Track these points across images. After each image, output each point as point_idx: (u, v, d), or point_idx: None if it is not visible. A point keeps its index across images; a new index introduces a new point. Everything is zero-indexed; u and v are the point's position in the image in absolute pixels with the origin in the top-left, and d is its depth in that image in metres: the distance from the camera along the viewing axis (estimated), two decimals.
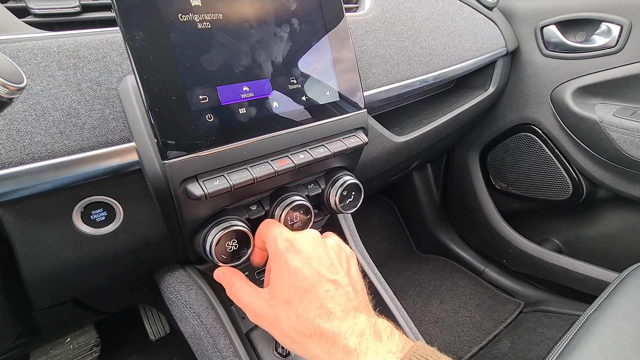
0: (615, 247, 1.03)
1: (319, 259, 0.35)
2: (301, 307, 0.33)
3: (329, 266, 0.35)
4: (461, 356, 1.03)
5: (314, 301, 0.33)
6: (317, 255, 0.35)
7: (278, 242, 0.36)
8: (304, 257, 0.35)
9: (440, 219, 1.41)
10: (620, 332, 0.56)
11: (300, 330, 0.33)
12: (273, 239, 0.37)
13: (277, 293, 0.35)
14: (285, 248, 0.36)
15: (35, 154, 0.35)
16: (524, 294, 1.20)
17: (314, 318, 0.32)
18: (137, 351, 0.99)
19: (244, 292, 0.38)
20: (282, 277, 0.35)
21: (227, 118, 0.40)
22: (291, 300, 0.33)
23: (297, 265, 0.34)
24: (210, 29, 0.38)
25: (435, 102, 0.94)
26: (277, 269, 0.35)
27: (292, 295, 0.34)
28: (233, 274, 0.41)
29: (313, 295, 0.33)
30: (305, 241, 0.36)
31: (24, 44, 0.36)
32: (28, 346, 0.73)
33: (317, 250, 0.36)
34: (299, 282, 0.34)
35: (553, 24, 0.95)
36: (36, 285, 0.43)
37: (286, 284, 0.34)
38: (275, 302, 0.35)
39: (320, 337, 0.32)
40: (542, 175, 1.08)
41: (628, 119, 0.85)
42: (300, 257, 0.35)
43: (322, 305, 0.32)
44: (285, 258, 0.35)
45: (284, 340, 0.35)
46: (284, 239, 0.36)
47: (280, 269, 0.35)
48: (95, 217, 0.41)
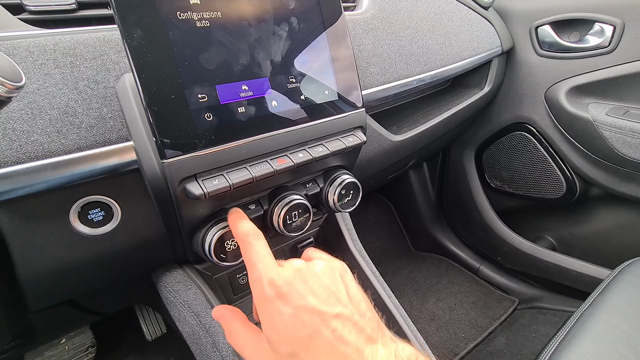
0: (608, 245, 1.05)
1: (314, 295, 0.30)
2: (309, 358, 0.28)
3: (327, 299, 0.30)
4: (457, 353, 1.04)
5: (323, 347, 0.28)
6: (311, 290, 0.30)
7: (264, 288, 0.30)
8: (297, 300, 0.30)
9: (436, 217, 1.42)
10: (614, 327, 0.57)
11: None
12: (257, 282, 0.31)
13: (278, 347, 0.30)
14: (273, 296, 0.30)
15: (31, 153, 0.35)
16: (518, 291, 1.21)
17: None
18: (134, 351, 0.98)
19: (245, 340, 0.33)
20: (277, 330, 0.30)
21: (226, 117, 0.39)
22: (297, 353, 0.29)
23: (292, 312, 0.29)
24: (209, 27, 0.38)
25: (432, 101, 0.95)
26: (270, 320, 0.30)
27: (295, 347, 0.29)
28: (232, 315, 0.35)
29: (320, 341, 0.28)
30: (293, 279, 0.31)
31: (19, 41, 0.36)
32: (23, 348, 0.72)
33: (309, 285, 0.31)
34: (299, 330, 0.29)
35: (547, 24, 0.96)
36: (32, 287, 0.42)
37: (285, 337, 0.29)
38: (278, 356, 0.30)
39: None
40: (537, 173, 1.10)
41: (620, 118, 0.87)
42: (292, 301, 0.30)
43: (333, 349, 0.28)
44: (276, 307, 0.30)
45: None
46: (268, 284, 0.30)
47: (274, 321, 0.30)
48: (93, 217, 0.41)
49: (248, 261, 0.33)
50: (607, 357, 0.53)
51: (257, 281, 0.31)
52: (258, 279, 0.31)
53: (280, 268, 0.32)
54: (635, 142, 0.85)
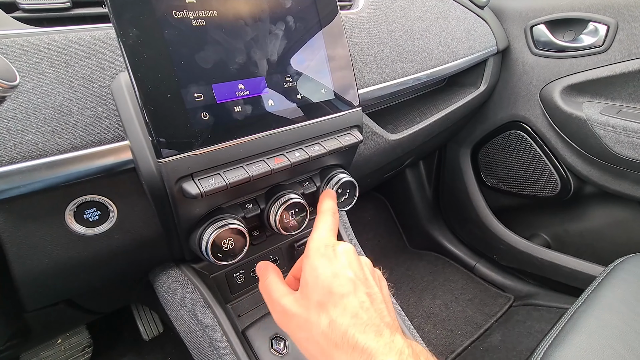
0: (602, 242, 1.06)
1: (355, 272, 0.34)
2: (335, 312, 0.31)
3: (364, 280, 0.34)
4: (453, 350, 1.04)
5: (350, 308, 0.31)
6: (354, 267, 0.35)
7: (321, 244, 0.36)
8: (342, 266, 0.34)
9: (433, 215, 1.43)
10: (607, 324, 0.58)
11: (331, 338, 0.30)
12: (318, 240, 0.36)
13: (310, 293, 0.33)
14: (326, 253, 0.35)
15: (26, 152, 0.34)
16: (514, 288, 1.22)
17: (349, 327, 0.30)
18: (131, 351, 0.98)
19: (276, 287, 0.37)
20: (318, 278, 0.33)
21: (222, 116, 0.39)
22: (325, 304, 0.32)
23: (335, 271, 0.33)
24: (205, 26, 0.38)
25: (428, 100, 0.95)
26: (313, 269, 0.34)
27: (326, 298, 0.32)
28: (272, 269, 0.40)
29: (349, 302, 0.31)
30: (345, 252, 0.36)
31: (13, 40, 0.35)
32: (18, 348, 0.72)
33: (353, 264, 0.35)
34: (336, 286, 0.32)
35: (542, 24, 0.97)
36: (28, 287, 0.42)
37: (321, 286, 0.32)
38: (307, 302, 0.33)
39: (354, 349, 0.29)
40: (532, 171, 1.11)
41: (614, 117, 0.88)
42: (338, 264, 0.34)
43: (358, 315, 0.31)
44: (324, 262, 0.34)
45: (309, 347, 0.32)
46: (324, 244, 0.36)
47: (316, 270, 0.34)
48: (89, 217, 0.41)
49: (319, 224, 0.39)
50: (601, 352, 0.53)
51: (317, 239, 0.37)
52: (319, 237, 0.37)
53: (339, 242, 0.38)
54: (628, 140, 0.86)
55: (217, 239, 0.43)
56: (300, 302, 0.34)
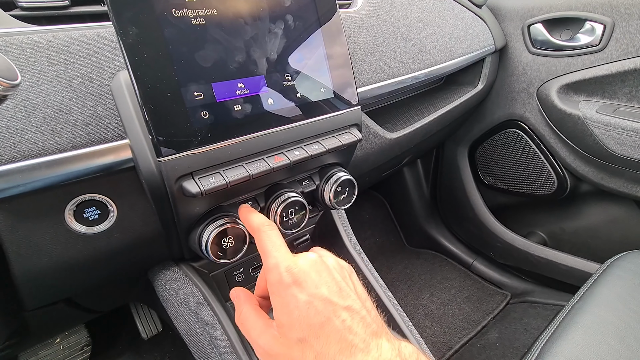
0: (598, 239, 1.07)
1: (328, 286, 0.32)
2: (319, 344, 0.29)
3: (339, 291, 0.32)
4: (451, 347, 1.05)
5: (332, 335, 0.29)
6: (324, 282, 0.32)
7: (282, 274, 0.32)
8: (312, 289, 0.31)
9: (430, 213, 1.44)
10: (603, 320, 0.59)
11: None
12: (274, 268, 0.32)
13: (288, 332, 0.31)
14: (290, 282, 0.31)
15: (26, 151, 0.34)
16: (510, 286, 1.23)
17: (335, 354, 0.29)
18: (129, 350, 0.98)
19: (252, 324, 0.34)
20: (291, 315, 0.31)
21: (222, 115, 0.39)
22: (306, 339, 0.30)
23: (307, 299, 0.31)
24: (205, 25, 0.38)
25: (426, 99, 0.95)
26: (284, 306, 0.31)
27: (305, 333, 0.30)
28: (245, 298, 0.37)
29: (330, 329, 0.30)
30: (309, 268, 0.32)
31: (12, 38, 0.35)
32: (17, 347, 0.72)
33: (323, 277, 0.32)
34: (312, 317, 0.30)
35: (539, 22, 0.97)
36: (28, 286, 0.42)
37: (297, 322, 0.30)
38: (287, 341, 0.31)
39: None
40: (529, 170, 1.11)
41: (610, 116, 0.88)
42: (308, 289, 0.31)
43: (342, 338, 0.29)
44: (292, 293, 0.31)
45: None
46: (286, 270, 0.32)
47: (288, 306, 0.31)
48: (88, 216, 0.41)
49: (264, 249, 0.34)
50: (596, 348, 0.54)
51: (275, 267, 0.32)
52: (275, 265, 0.33)
53: (296, 257, 0.33)
54: (624, 139, 0.86)
55: (218, 237, 0.43)
56: (280, 340, 0.31)
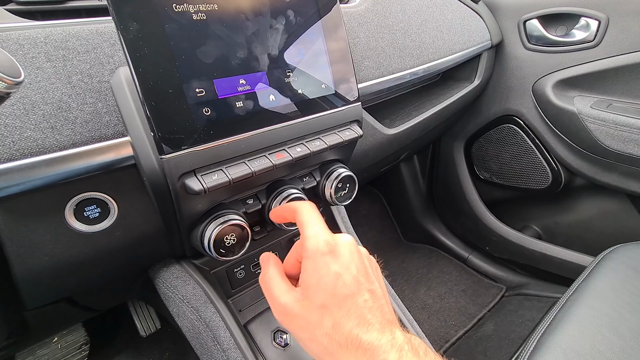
0: (591, 233, 1.09)
1: (358, 267, 0.34)
2: (339, 314, 0.31)
3: (366, 275, 0.34)
4: (448, 339, 1.07)
5: (353, 310, 0.31)
6: (355, 263, 0.34)
7: (320, 243, 0.34)
8: (345, 263, 0.33)
9: (427, 208, 1.45)
10: (597, 311, 0.60)
11: (335, 339, 0.30)
12: (313, 237, 0.34)
13: (312, 296, 0.32)
14: (326, 251, 0.33)
15: (25, 149, 0.34)
16: (506, 279, 1.25)
17: (352, 328, 0.30)
18: (128, 348, 0.98)
19: (277, 283, 0.35)
20: (319, 280, 0.32)
21: (224, 111, 0.39)
22: (328, 306, 0.31)
23: (338, 270, 0.32)
24: (206, 20, 0.37)
25: (423, 95, 0.95)
26: (315, 270, 0.33)
27: (329, 300, 0.31)
28: (274, 262, 0.38)
29: (352, 304, 0.31)
30: (344, 246, 0.34)
31: (8, 33, 0.34)
32: (16, 346, 0.71)
33: (354, 258, 0.34)
34: (339, 288, 0.32)
35: (535, 18, 0.98)
36: (28, 285, 0.41)
37: (323, 288, 0.32)
38: (308, 304, 0.32)
39: (358, 348, 0.29)
40: (524, 165, 1.13)
41: (604, 111, 0.90)
42: (341, 262, 0.33)
43: (362, 315, 0.31)
44: (326, 261, 0.33)
45: (312, 346, 0.32)
46: (323, 241, 0.34)
47: (319, 272, 0.33)
48: (89, 214, 0.40)
49: (306, 221, 0.36)
50: (591, 339, 0.55)
51: (314, 236, 0.34)
52: (315, 234, 0.35)
53: (334, 234, 0.36)
54: (617, 134, 0.88)
55: (220, 234, 0.43)
56: (302, 302, 0.33)
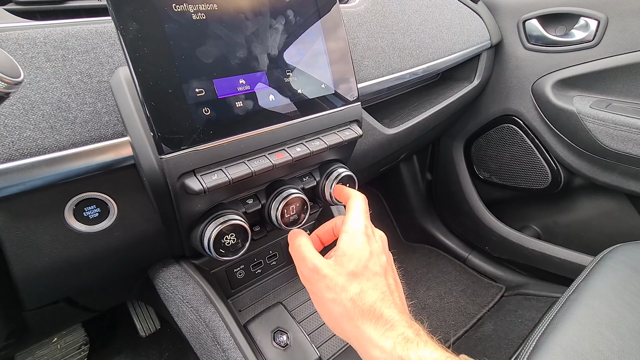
0: (590, 232, 1.09)
1: (387, 258, 0.38)
2: (367, 285, 0.33)
3: (392, 267, 0.38)
4: (447, 339, 1.07)
5: (380, 286, 0.34)
6: (386, 254, 0.38)
7: (359, 224, 0.37)
8: (378, 250, 0.37)
9: (426, 208, 1.45)
10: (597, 311, 0.60)
11: (359, 304, 0.32)
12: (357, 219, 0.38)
13: (346, 263, 0.35)
14: (364, 233, 0.37)
15: (24, 149, 0.34)
16: (505, 279, 1.25)
17: (377, 300, 0.33)
18: (127, 348, 0.98)
19: (308, 249, 0.38)
20: (356, 252, 0.35)
21: (224, 111, 0.39)
22: (359, 275, 0.34)
23: (372, 250, 0.36)
24: (206, 20, 0.37)
25: (423, 94, 0.96)
26: (352, 243, 0.36)
27: (361, 270, 0.34)
28: (305, 235, 0.41)
29: (380, 281, 0.34)
30: (382, 238, 0.39)
31: (8, 33, 0.34)
32: (15, 347, 0.71)
33: (386, 250, 0.38)
34: (371, 265, 0.35)
35: (534, 18, 0.98)
36: (28, 285, 0.41)
37: (358, 259, 0.35)
38: (340, 269, 0.34)
39: (379, 319, 0.32)
40: (523, 165, 1.13)
41: (603, 111, 0.90)
42: (376, 247, 0.37)
43: (385, 292, 0.34)
44: (363, 240, 0.36)
45: (333, 307, 0.34)
46: (364, 225, 0.38)
47: (356, 245, 0.36)
48: (89, 214, 0.40)
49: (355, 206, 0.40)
50: (591, 338, 0.55)
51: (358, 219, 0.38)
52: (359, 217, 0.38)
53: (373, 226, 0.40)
54: (616, 133, 0.88)
55: (220, 234, 0.43)
56: (334, 267, 0.35)
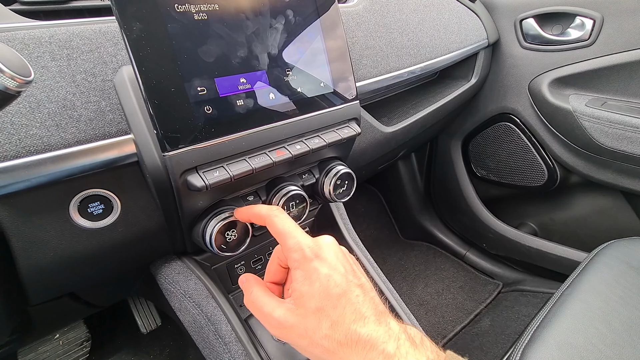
0: (586, 229, 1.11)
1: (344, 266, 0.35)
2: (335, 313, 0.32)
3: (352, 272, 0.35)
4: (445, 335, 1.08)
5: (348, 306, 0.32)
6: (341, 261, 0.35)
7: (305, 250, 0.34)
8: (332, 264, 0.34)
9: (424, 206, 1.46)
10: (591, 306, 0.61)
11: (334, 338, 0.31)
12: (296, 246, 0.35)
13: (306, 302, 0.33)
14: (312, 256, 0.34)
15: (31, 147, 0.35)
16: (502, 275, 1.27)
17: (350, 323, 0.31)
18: (129, 344, 0.99)
19: (265, 300, 0.35)
20: (312, 286, 0.33)
21: (225, 109, 0.40)
22: (323, 308, 0.32)
23: (327, 272, 0.33)
24: (207, 20, 0.38)
25: (421, 93, 0.96)
26: (306, 277, 0.34)
27: (324, 303, 0.32)
28: (255, 282, 0.38)
29: (346, 301, 0.32)
30: (328, 248, 0.36)
31: (14, 33, 0.35)
32: (19, 343, 0.72)
33: (339, 257, 0.35)
34: (331, 288, 0.32)
35: (531, 17, 0.99)
36: (33, 280, 0.42)
37: (317, 292, 0.32)
38: (303, 311, 0.33)
39: (357, 343, 0.30)
40: (520, 162, 1.14)
41: (599, 109, 0.91)
42: (328, 264, 0.34)
43: (357, 310, 0.32)
44: (315, 266, 0.34)
45: (313, 350, 0.32)
46: (307, 247, 0.35)
47: (310, 278, 0.33)
48: (93, 211, 0.41)
49: (281, 231, 0.36)
50: (584, 332, 0.57)
51: (297, 245, 0.35)
52: (297, 243, 0.35)
53: (314, 238, 0.36)
54: (612, 131, 0.89)
55: (221, 230, 0.44)
56: (297, 312, 0.33)
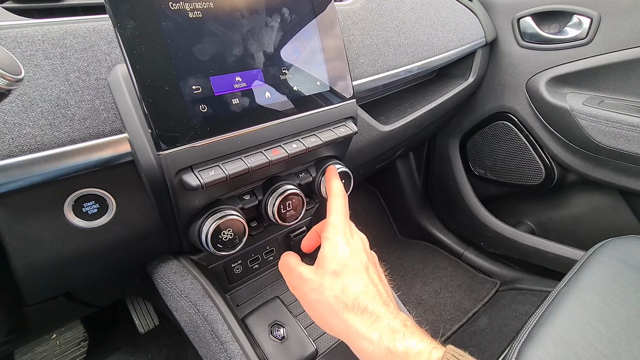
0: (583, 227, 1.11)
1: (368, 257, 0.39)
2: (349, 280, 0.35)
3: (374, 265, 0.40)
4: (443, 334, 1.08)
5: (361, 281, 0.35)
6: (367, 253, 0.40)
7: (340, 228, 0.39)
8: (358, 248, 0.39)
9: (422, 205, 1.46)
10: (587, 303, 0.61)
11: (342, 300, 0.34)
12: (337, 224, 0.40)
13: (327, 264, 0.37)
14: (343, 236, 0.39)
15: (24, 146, 0.34)
16: (500, 274, 1.27)
17: (360, 294, 0.34)
18: (126, 344, 0.98)
19: (293, 260, 0.41)
20: (337, 253, 0.37)
21: (220, 108, 0.40)
22: (340, 273, 0.36)
23: (352, 250, 0.38)
24: (202, 18, 0.38)
25: (418, 92, 0.96)
26: (333, 245, 0.38)
27: (342, 269, 0.36)
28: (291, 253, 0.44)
29: (361, 277, 0.36)
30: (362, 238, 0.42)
31: (6, 31, 0.35)
32: (15, 343, 0.72)
33: (366, 250, 0.40)
34: (351, 263, 0.36)
35: (529, 16, 0.99)
36: (28, 280, 0.42)
37: (339, 259, 0.36)
38: (322, 271, 0.37)
39: (364, 312, 0.33)
40: (518, 161, 1.14)
41: (596, 108, 0.91)
42: (356, 246, 0.39)
43: (368, 287, 0.35)
44: (343, 243, 0.38)
45: (319, 307, 0.36)
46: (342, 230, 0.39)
47: (336, 247, 0.37)
48: (87, 210, 0.41)
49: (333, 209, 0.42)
50: (581, 330, 0.57)
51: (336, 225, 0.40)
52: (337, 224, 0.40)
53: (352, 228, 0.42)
54: (609, 130, 0.89)
55: (217, 229, 0.44)
56: (316, 270, 0.37)
